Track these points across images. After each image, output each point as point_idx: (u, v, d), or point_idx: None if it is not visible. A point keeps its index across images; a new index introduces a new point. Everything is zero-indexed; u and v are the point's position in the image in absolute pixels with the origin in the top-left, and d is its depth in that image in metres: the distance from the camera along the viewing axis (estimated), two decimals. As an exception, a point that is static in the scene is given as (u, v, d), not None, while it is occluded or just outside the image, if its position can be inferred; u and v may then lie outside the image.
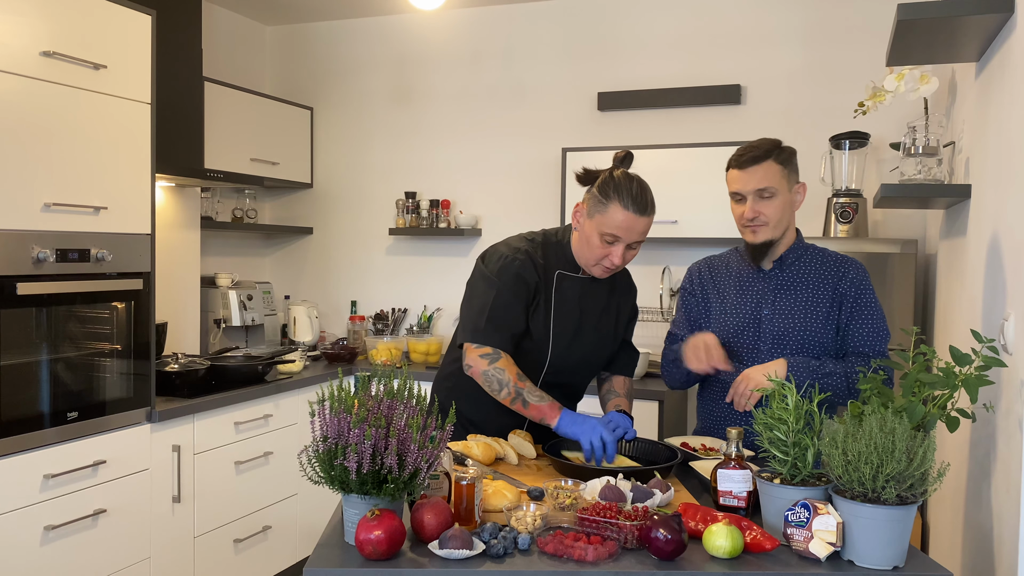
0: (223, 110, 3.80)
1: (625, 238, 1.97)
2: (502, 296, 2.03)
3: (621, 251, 1.99)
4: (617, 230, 1.96)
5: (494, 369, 1.99)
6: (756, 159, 2.00)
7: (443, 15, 4.24)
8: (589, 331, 2.14)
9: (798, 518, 1.41)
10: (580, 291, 2.13)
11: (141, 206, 2.82)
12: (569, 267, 2.12)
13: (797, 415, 1.51)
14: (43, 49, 2.46)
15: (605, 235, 1.97)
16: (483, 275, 2.08)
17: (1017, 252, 1.63)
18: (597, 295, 2.16)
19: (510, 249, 2.10)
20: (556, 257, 2.12)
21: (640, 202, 1.96)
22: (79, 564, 2.59)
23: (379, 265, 4.44)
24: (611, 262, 2.00)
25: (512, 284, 2.04)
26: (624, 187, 1.97)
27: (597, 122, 3.97)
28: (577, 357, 2.14)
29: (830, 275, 2.06)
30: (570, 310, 2.11)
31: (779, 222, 2.02)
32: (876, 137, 3.41)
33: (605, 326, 2.18)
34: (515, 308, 2.04)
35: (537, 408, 1.96)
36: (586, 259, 2.05)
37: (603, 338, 2.19)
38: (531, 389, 1.97)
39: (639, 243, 2.02)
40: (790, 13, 3.65)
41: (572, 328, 2.12)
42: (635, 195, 1.96)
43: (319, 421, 1.44)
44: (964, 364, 1.49)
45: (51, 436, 2.51)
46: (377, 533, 1.35)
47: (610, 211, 1.96)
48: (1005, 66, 1.82)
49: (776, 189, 2.00)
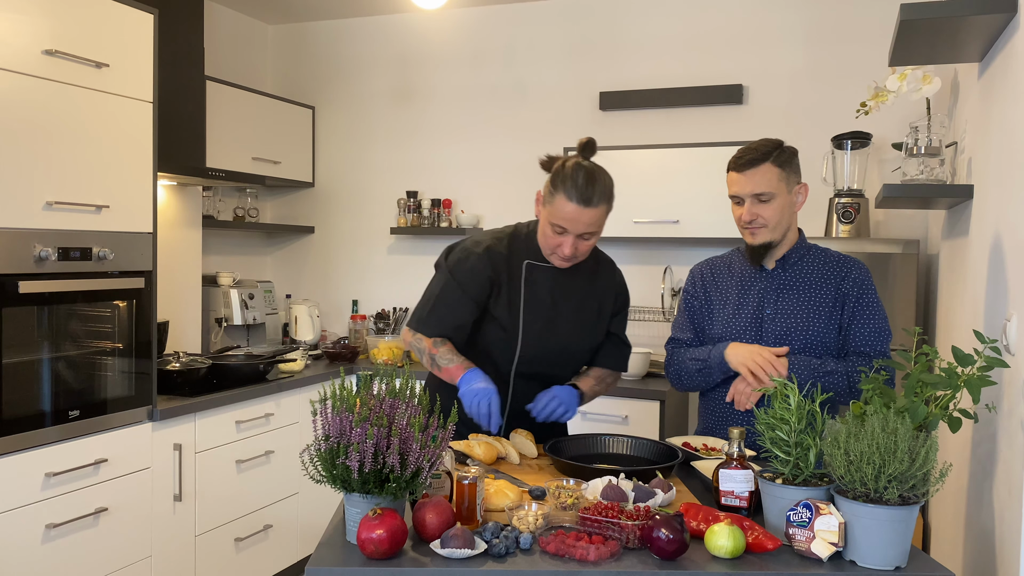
0: (225, 109, 3.80)
1: (572, 229, 1.97)
2: (451, 288, 2.08)
3: (571, 242, 1.98)
4: (563, 221, 1.96)
5: (415, 340, 2.12)
6: (753, 162, 1.99)
7: (445, 14, 4.24)
8: (565, 320, 2.13)
9: (800, 518, 1.41)
10: (553, 280, 2.12)
11: (143, 205, 2.82)
12: (539, 257, 2.12)
13: (799, 415, 1.50)
14: (45, 48, 2.46)
15: (554, 225, 1.98)
16: (441, 266, 2.15)
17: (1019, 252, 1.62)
18: (573, 285, 2.15)
19: (472, 243, 2.13)
20: (526, 248, 2.12)
21: (585, 194, 1.93)
22: (80, 563, 2.59)
23: (380, 264, 4.44)
24: (562, 252, 2.00)
25: (463, 278, 2.07)
26: (571, 178, 1.94)
27: (599, 122, 3.97)
28: (551, 347, 2.13)
29: (832, 275, 2.06)
30: (541, 299, 2.11)
31: (778, 224, 2.02)
32: (878, 137, 3.41)
33: (584, 316, 2.16)
34: (462, 302, 2.07)
35: (447, 370, 2.03)
36: (543, 248, 2.07)
37: (582, 329, 2.17)
38: (444, 353, 2.05)
39: (593, 234, 2.00)
40: (792, 13, 3.64)
41: (544, 317, 2.11)
42: (580, 187, 1.93)
43: (321, 420, 1.43)
44: (966, 364, 1.49)
45: (52, 435, 2.52)
46: (379, 532, 1.35)
47: (557, 202, 1.95)
48: (1008, 66, 1.82)
49: (773, 193, 1.99)
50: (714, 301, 2.16)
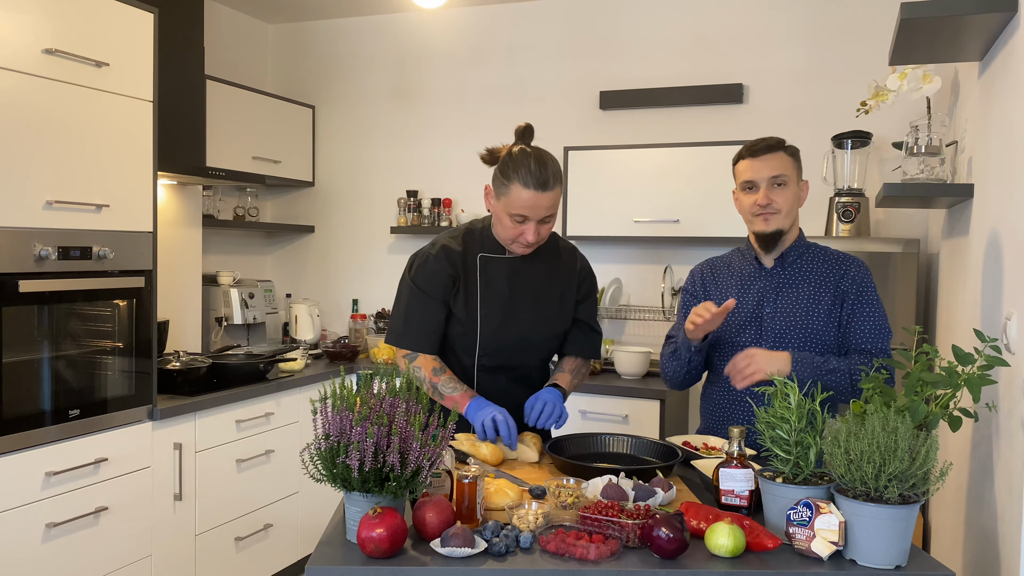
0: (225, 108, 3.80)
1: (533, 216, 1.98)
2: (416, 297, 2.10)
3: (533, 228, 1.99)
4: (523, 209, 1.96)
5: (412, 368, 2.10)
6: (770, 148, 2.03)
7: (445, 13, 4.24)
8: (524, 310, 2.13)
9: (800, 517, 1.41)
10: (509, 271, 2.13)
11: (143, 204, 2.82)
12: (493, 249, 2.13)
13: (799, 414, 1.50)
14: (45, 47, 2.46)
15: (514, 216, 1.98)
16: (404, 278, 2.16)
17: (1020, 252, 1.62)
18: (532, 273, 2.15)
19: (428, 247, 2.15)
20: (480, 242, 2.13)
21: (540, 179, 1.94)
22: (80, 562, 2.60)
23: (381, 263, 4.44)
24: (526, 240, 2.01)
25: (426, 284, 2.09)
26: (523, 165, 1.96)
27: (599, 121, 3.97)
28: (513, 338, 2.13)
29: (832, 273, 2.07)
30: (499, 291, 2.12)
31: (789, 212, 2.04)
32: (878, 136, 3.41)
33: (545, 304, 2.16)
34: (430, 307, 2.09)
35: (451, 398, 2.03)
36: (503, 239, 2.08)
37: (543, 317, 2.16)
38: (446, 381, 2.06)
39: (552, 216, 2.01)
40: (792, 12, 3.64)
41: (502, 309, 2.11)
42: (534, 172, 1.94)
43: (321, 419, 1.44)
44: (967, 363, 1.49)
45: (53, 434, 2.52)
46: (379, 531, 1.35)
47: (512, 191, 1.96)
48: (1008, 65, 1.82)
49: (788, 178, 2.02)
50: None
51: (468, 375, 2.16)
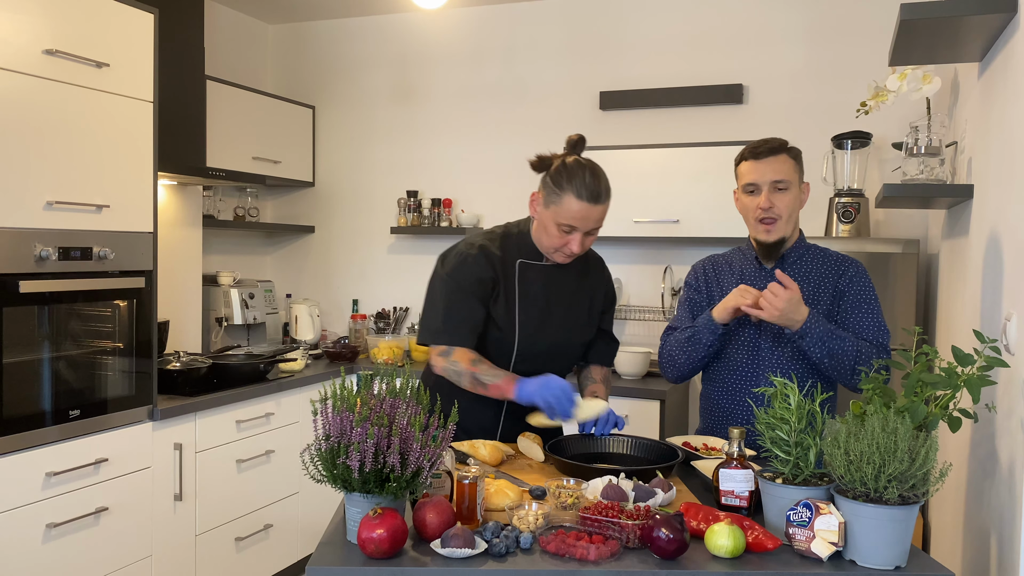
0: (225, 109, 3.80)
1: (581, 227, 1.99)
2: (455, 294, 2.07)
3: (579, 239, 2.00)
4: (573, 220, 1.97)
5: (450, 363, 2.05)
6: (773, 150, 2.02)
7: (445, 14, 4.24)
8: (558, 317, 2.15)
9: (800, 518, 1.41)
10: (546, 278, 2.14)
11: (143, 204, 2.82)
12: (531, 255, 2.13)
13: (799, 415, 1.51)
14: (46, 47, 2.46)
15: (562, 225, 1.99)
16: (439, 276, 2.12)
17: (1019, 252, 1.62)
18: (565, 281, 2.17)
19: (466, 246, 2.13)
20: (518, 247, 2.13)
21: (594, 191, 1.95)
22: (81, 562, 2.60)
23: (381, 264, 4.45)
24: (570, 250, 2.02)
25: (465, 281, 2.07)
26: (578, 176, 1.96)
27: (599, 121, 3.97)
28: (547, 344, 2.14)
29: (830, 273, 2.08)
30: (535, 297, 2.12)
31: (790, 217, 2.03)
32: (878, 137, 3.41)
33: (576, 312, 2.18)
34: (470, 303, 2.06)
35: (495, 386, 2.00)
36: (546, 247, 2.07)
37: (575, 325, 2.18)
38: (485, 371, 2.01)
39: (598, 229, 2.03)
40: (792, 12, 3.64)
41: (539, 315, 2.12)
42: (588, 184, 1.95)
43: (322, 419, 1.44)
44: (966, 364, 1.49)
45: (53, 434, 2.52)
46: (379, 532, 1.35)
47: (564, 202, 1.96)
48: (1008, 66, 1.82)
49: (790, 182, 2.01)
50: (715, 297, 2.17)
51: None
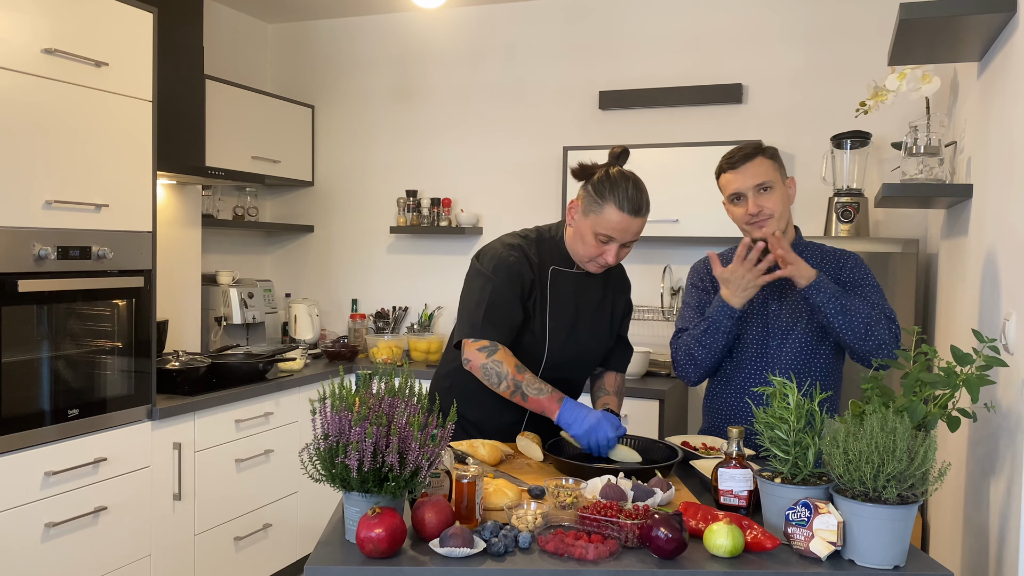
0: (224, 108, 3.80)
1: (619, 238, 1.99)
2: (498, 291, 2.03)
3: (615, 250, 2.01)
4: (612, 231, 1.97)
5: (492, 362, 1.98)
6: (747, 156, 2.02)
7: (444, 13, 4.24)
8: (585, 325, 2.15)
9: (799, 517, 1.41)
10: (575, 286, 2.14)
11: (142, 204, 2.82)
12: (563, 262, 2.13)
13: (798, 414, 1.51)
14: (45, 46, 2.46)
15: (599, 235, 1.98)
16: (479, 272, 2.09)
17: (1018, 252, 1.62)
18: (592, 290, 2.17)
19: (504, 246, 2.11)
20: (550, 253, 2.12)
21: (635, 203, 1.96)
22: (80, 561, 2.59)
23: (380, 263, 4.44)
24: (605, 260, 2.02)
25: (507, 279, 2.04)
26: (621, 187, 1.96)
27: (598, 121, 3.97)
28: (574, 352, 2.15)
29: (831, 268, 2.08)
30: (565, 305, 2.12)
31: (782, 214, 2.03)
32: (878, 136, 3.41)
33: (601, 320, 2.19)
34: (512, 302, 2.04)
35: (536, 401, 1.96)
36: (580, 255, 2.06)
37: (599, 333, 2.19)
38: (530, 381, 1.97)
39: (634, 242, 2.04)
40: (792, 12, 3.64)
41: (568, 323, 2.12)
42: (631, 196, 1.95)
43: (320, 419, 1.44)
44: (965, 364, 1.49)
45: (52, 433, 2.52)
46: (378, 531, 1.35)
47: (605, 212, 1.96)
48: (1007, 66, 1.82)
49: (773, 182, 2.01)
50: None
51: None
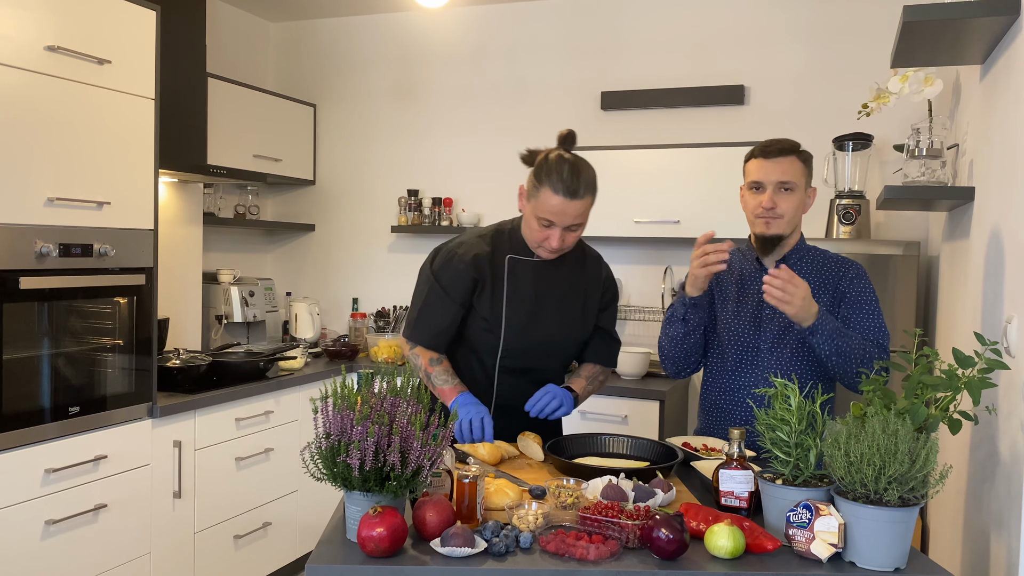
0: (226, 106, 3.80)
1: (559, 222, 1.97)
2: (434, 294, 2.12)
3: (558, 234, 1.99)
4: (550, 215, 1.96)
5: (412, 355, 2.18)
6: (783, 151, 2.01)
7: (447, 13, 4.24)
8: (549, 313, 2.14)
9: (800, 519, 1.41)
10: (536, 274, 2.13)
11: (144, 201, 2.82)
12: (522, 251, 2.13)
13: (800, 416, 1.51)
14: (47, 44, 2.46)
15: (541, 219, 1.99)
16: (426, 271, 2.17)
17: (1020, 255, 1.63)
18: (558, 277, 2.16)
19: (456, 245, 2.15)
20: (510, 243, 2.14)
21: (571, 186, 1.94)
22: (80, 559, 2.60)
23: (381, 262, 4.44)
24: (550, 245, 2.01)
25: (447, 282, 2.10)
26: (556, 171, 1.95)
27: (600, 121, 3.97)
28: (535, 340, 2.14)
29: (831, 275, 2.08)
30: (524, 293, 2.12)
31: (792, 218, 2.02)
32: (879, 139, 3.41)
33: (569, 309, 2.17)
34: (446, 305, 2.11)
35: (441, 391, 2.08)
36: (529, 241, 2.08)
37: (566, 321, 2.17)
38: (439, 373, 2.10)
39: (579, 225, 2.02)
40: (794, 14, 3.64)
41: (527, 311, 2.12)
42: (566, 179, 1.94)
43: (322, 418, 1.44)
44: (967, 366, 1.49)
45: (52, 431, 2.52)
46: (379, 530, 1.35)
47: (542, 196, 1.96)
48: (1010, 69, 1.82)
49: (796, 184, 2.00)
50: (714, 298, 2.17)
51: (489, 375, 2.17)
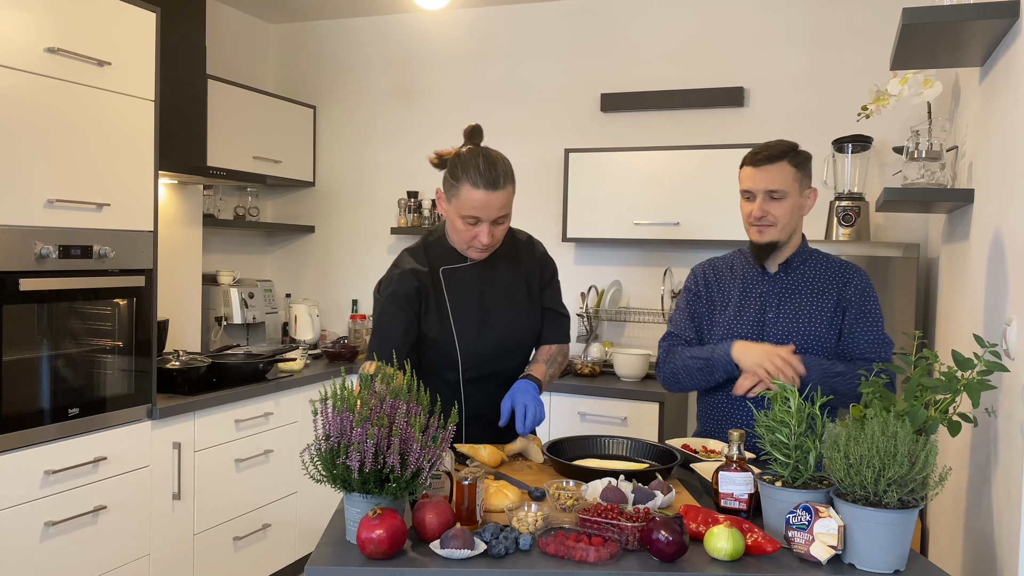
0: (226, 108, 3.80)
1: (485, 216, 1.94)
2: (384, 319, 2.04)
3: (486, 230, 1.95)
4: (474, 210, 1.92)
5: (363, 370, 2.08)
6: (771, 158, 2.00)
7: (447, 15, 4.24)
8: (498, 315, 2.09)
9: (799, 521, 1.41)
10: (475, 278, 2.08)
11: (144, 203, 2.82)
12: (453, 259, 2.08)
13: (799, 418, 1.51)
14: (48, 45, 2.46)
15: (466, 217, 1.94)
16: (375, 301, 2.10)
17: (1020, 257, 1.63)
18: (497, 276, 2.11)
19: (392, 270, 2.09)
20: (439, 254, 2.09)
21: (490, 178, 1.91)
22: (79, 560, 2.59)
23: (381, 264, 4.44)
24: (480, 242, 1.97)
25: (393, 305, 2.03)
26: (472, 165, 1.92)
27: (600, 123, 3.97)
28: (492, 343, 2.08)
29: (835, 281, 2.07)
30: (468, 300, 2.07)
31: (786, 225, 2.02)
32: (879, 141, 3.41)
33: (517, 303, 2.12)
34: (397, 328, 2.01)
35: None
36: (458, 244, 2.04)
37: (517, 317, 2.12)
38: None
39: (505, 217, 1.98)
40: (794, 16, 3.65)
41: (476, 318, 2.06)
42: (484, 171, 1.91)
43: (322, 419, 1.44)
44: (966, 369, 1.49)
45: (52, 432, 2.52)
46: (379, 532, 1.35)
47: (463, 193, 1.92)
48: (1009, 71, 1.82)
49: (786, 191, 2.00)
50: (716, 302, 2.16)
51: (455, 390, 2.09)
